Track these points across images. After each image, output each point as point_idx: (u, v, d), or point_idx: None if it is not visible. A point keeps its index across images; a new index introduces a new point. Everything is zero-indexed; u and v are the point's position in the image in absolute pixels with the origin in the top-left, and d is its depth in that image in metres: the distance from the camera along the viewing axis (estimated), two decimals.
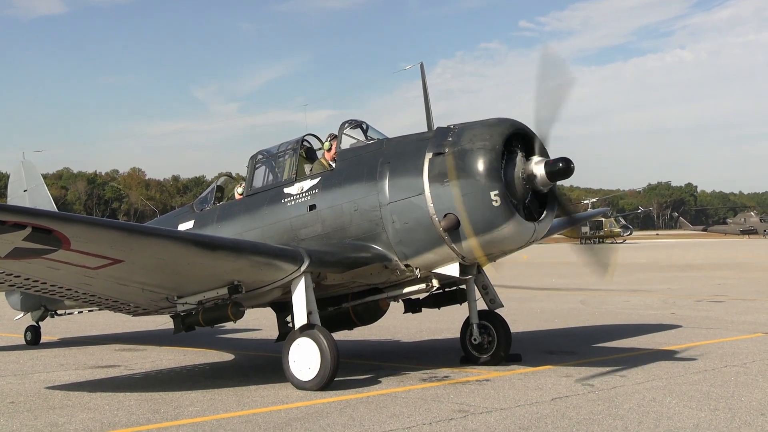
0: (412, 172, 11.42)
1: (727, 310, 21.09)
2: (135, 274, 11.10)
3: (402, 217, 11.44)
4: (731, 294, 26.03)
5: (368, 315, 13.49)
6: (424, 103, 12.53)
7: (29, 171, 19.13)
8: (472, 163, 10.95)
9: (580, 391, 10.53)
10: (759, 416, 9.04)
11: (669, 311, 21.03)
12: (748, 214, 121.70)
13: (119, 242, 10.16)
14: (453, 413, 9.36)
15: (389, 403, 10.05)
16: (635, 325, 18.17)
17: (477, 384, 11.26)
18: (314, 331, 11.12)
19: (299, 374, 11.09)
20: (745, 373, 11.74)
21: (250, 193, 13.41)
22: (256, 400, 10.49)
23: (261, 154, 13.61)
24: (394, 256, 11.67)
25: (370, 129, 12.72)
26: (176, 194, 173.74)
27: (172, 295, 11.96)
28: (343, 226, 11.93)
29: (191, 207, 14.90)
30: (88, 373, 13.31)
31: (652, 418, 8.97)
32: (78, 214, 12.46)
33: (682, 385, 10.84)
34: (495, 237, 11.03)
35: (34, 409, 10.20)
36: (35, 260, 10.18)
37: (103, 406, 10.26)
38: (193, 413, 9.76)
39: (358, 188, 11.86)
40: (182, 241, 10.81)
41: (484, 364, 12.87)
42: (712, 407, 9.47)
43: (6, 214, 9.30)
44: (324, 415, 9.42)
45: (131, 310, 12.80)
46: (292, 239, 12.28)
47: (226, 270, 11.24)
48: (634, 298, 25.60)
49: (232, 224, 13.27)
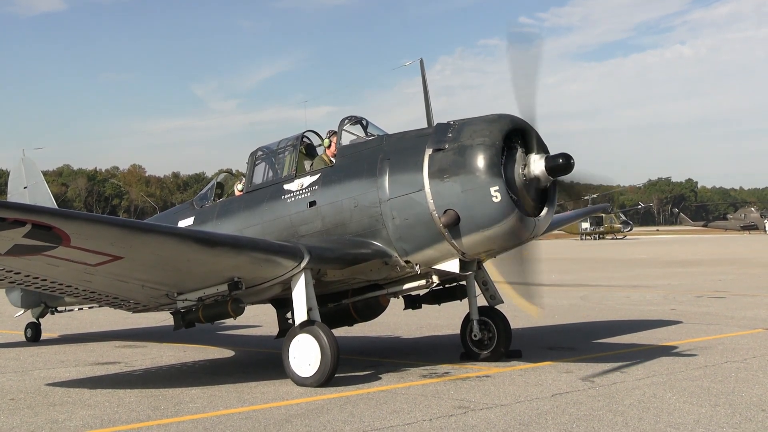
0: (412, 168, 11.41)
1: (727, 305, 21.09)
2: (135, 270, 11.10)
3: (402, 213, 11.43)
4: (732, 290, 26.02)
5: (368, 311, 13.50)
6: (424, 99, 12.51)
7: (29, 168, 19.13)
8: (472, 159, 10.94)
9: (581, 387, 10.53)
10: (759, 412, 9.03)
11: (669, 307, 21.04)
12: (749, 210, 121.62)
13: (119, 239, 10.16)
14: (453, 409, 9.36)
15: (389, 399, 10.05)
16: (635, 321, 18.17)
17: (477, 380, 11.26)
18: (314, 328, 11.12)
19: (299, 371, 11.09)
20: (746, 369, 11.74)
21: (250, 189, 13.40)
22: (256, 397, 10.50)
23: (261, 151, 13.60)
24: (394, 253, 11.67)
25: (370, 125, 12.72)
26: (176, 191, 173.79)
27: (172, 292, 11.96)
28: (343, 223, 11.93)
29: (191, 204, 14.90)
30: (89, 370, 13.32)
31: (652, 413, 8.97)
32: (78, 211, 12.46)
33: (683, 381, 10.84)
34: (495, 233, 11.02)
35: (34, 406, 10.20)
36: (35, 257, 10.18)
37: (104, 403, 10.27)
38: (193, 410, 9.76)
39: (358, 184, 11.85)
40: (182, 237, 10.81)
41: (485, 360, 12.88)
42: (713, 403, 9.47)
43: (6, 211, 9.30)
44: (324, 412, 9.42)
45: (131, 306, 12.80)
46: (292, 236, 12.27)
47: (226, 266, 11.24)
48: (634, 293, 25.61)
49: (232, 221, 13.27)
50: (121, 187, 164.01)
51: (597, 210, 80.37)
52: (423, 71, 12.68)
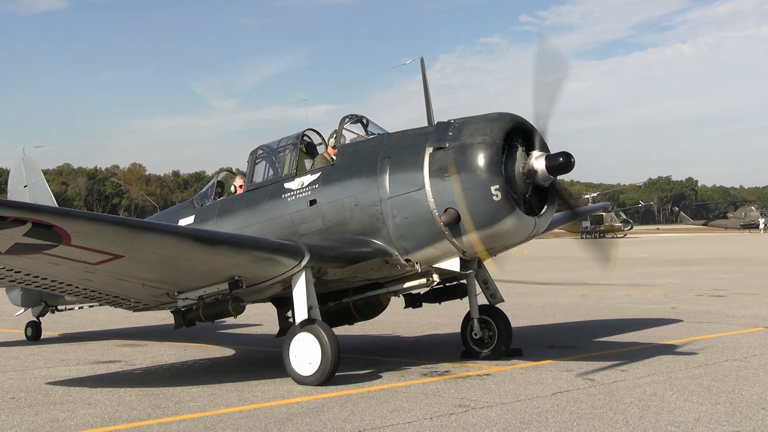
0: (412, 167, 11.41)
1: (727, 304, 21.08)
2: (135, 269, 11.10)
3: (402, 212, 11.43)
4: (732, 288, 26.02)
5: (369, 310, 13.50)
6: (425, 97, 12.51)
7: (29, 167, 19.14)
8: (472, 158, 10.94)
9: (581, 386, 10.53)
10: (760, 410, 9.03)
11: (670, 305, 21.03)
12: (749, 209, 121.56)
13: (120, 238, 10.16)
14: (454, 408, 9.36)
15: (390, 397, 10.06)
16: (636, 320, 18.16)
17: (478, 379, 11.27)
18: (315, 326, 11.13)
19: (300, 369, 11.09)
20: (746, 368, 11.74)
21: (250, 188, 13.40)
22: (257, 395, 10.50)
23: (261, 149, 13.60)
24: (395, 251, 11.67)
25: (371, 124, 12.72)
26: (176, 190, 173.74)
27: (173, 291, 11.96)
28: (343, 221, 11.93)
29: (192, 202, 14.90)
30: (89, 369, 13.32)
31: (653, 412, 8.97)
32: (79, 210, 12.45)
33: (683, 380, 10.84)
34: (496, 231, 11.03)
35: (34, 405, 10.21)
36: (36, 256, 10.18)
37: (104, 402, 10.27)
38: (194, 408, 9.77)
39: (359, 183, 11.85)
40: (183, 236, 10.82)
41: (485, 358, 12.88)
42: (713, 401, 9.47)
43: (6, 209, 9.30)
44: (325, 410, 9.42)
45: (132, 305, 12.81)
46: (292, 234, 12.27)
47: (226, 265, 11.24)
48: (634, 292, 25.60)
49: (233, 219, 13.27)
50: (121, 185, 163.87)
51: (597, 209, 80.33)
52: (423, 70, 12.68)
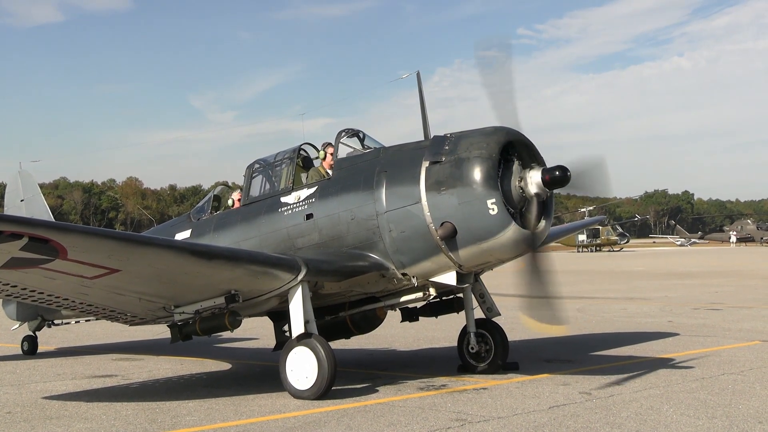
0: (408, 181, 11.44)
1: (724, 317, 21.10)
2: (132, 283, 11.09)
3: (399, 226, 11.45)
4: (728, 302, 26.04)
5: (365, 324, 13.47)
6: (421, 111, 12.53)
7: (26, 181, 19.12)
8: (469, 172, 10.97)
9: (578, 400, 10.52)
10: (756, 424, 9.04)
11: (666, 319, 21.04)
12: (745, 222, 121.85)
13: (116, 252, 10.16)
14: (450, 422, 9.35)
15: (387, 412, 10.05)
16: (632, 333, 18.18)
17: (474, 393, 11.26)
18: (311, 340, 11.12)
19: (296, 383, 11.08)
20: (743, 381, 11.75)
21: (247, 202, 13.42)
22: (253, 410, 10.48)
23: (258, 164, 13.62)
24: (391, 265, 11.68)
25: (367, 138, 12.74)
26: (173, 203, 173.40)
27: (169, 305, 11.95)
28: (340, 235, 11.94)
29: (188, 216, 14.89)
30: (85, 383, 13.29)
31: (649, 426, 8.98)
32: (75, 224, 12.45)
33: (680, 393, 10.84)
34: (492, 245, 11.05)
35: (31, 420, 10.18)
36: (32, 270, 10.18)
37: (100, 416, 10.25)
38: (190, 423, 9.75)
39: (355, 197, 11.87)
40: (179, 250, 10.81)
41: (482, 372, 12.88)
42: (710, 415, 9.47)
43: (3, 224, 9.30)
44: (321, 425, 9.41)
45: (128, 319, 12.80)
46: (289, 248, 12.28)
47: (223, 279, 11.24)
48: (631, 305, 25.61)
49: (229, 233, 13.27)
50: (117, 199, 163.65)
51: (594, 222, 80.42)
52: (420, 84, 12.72)
